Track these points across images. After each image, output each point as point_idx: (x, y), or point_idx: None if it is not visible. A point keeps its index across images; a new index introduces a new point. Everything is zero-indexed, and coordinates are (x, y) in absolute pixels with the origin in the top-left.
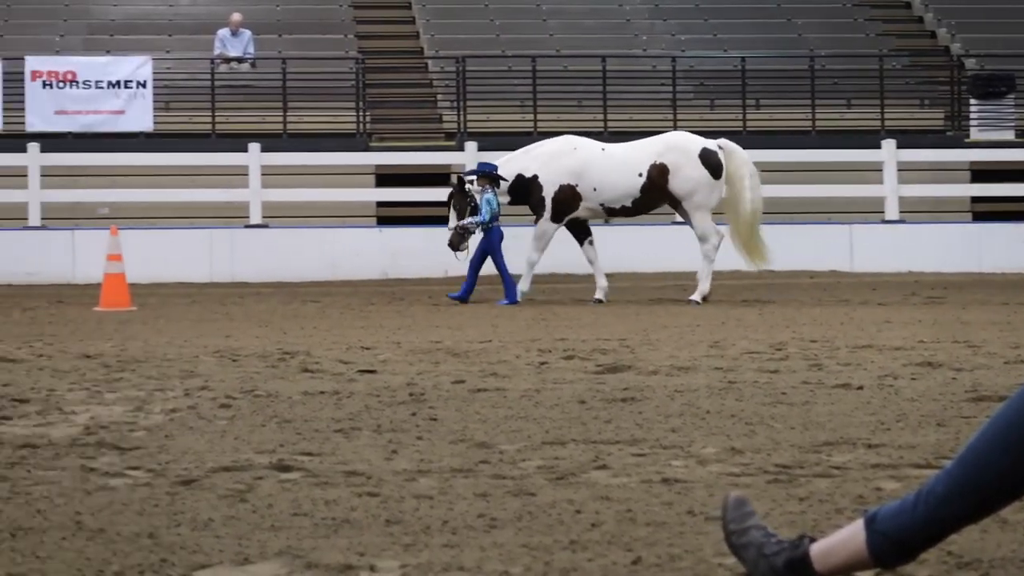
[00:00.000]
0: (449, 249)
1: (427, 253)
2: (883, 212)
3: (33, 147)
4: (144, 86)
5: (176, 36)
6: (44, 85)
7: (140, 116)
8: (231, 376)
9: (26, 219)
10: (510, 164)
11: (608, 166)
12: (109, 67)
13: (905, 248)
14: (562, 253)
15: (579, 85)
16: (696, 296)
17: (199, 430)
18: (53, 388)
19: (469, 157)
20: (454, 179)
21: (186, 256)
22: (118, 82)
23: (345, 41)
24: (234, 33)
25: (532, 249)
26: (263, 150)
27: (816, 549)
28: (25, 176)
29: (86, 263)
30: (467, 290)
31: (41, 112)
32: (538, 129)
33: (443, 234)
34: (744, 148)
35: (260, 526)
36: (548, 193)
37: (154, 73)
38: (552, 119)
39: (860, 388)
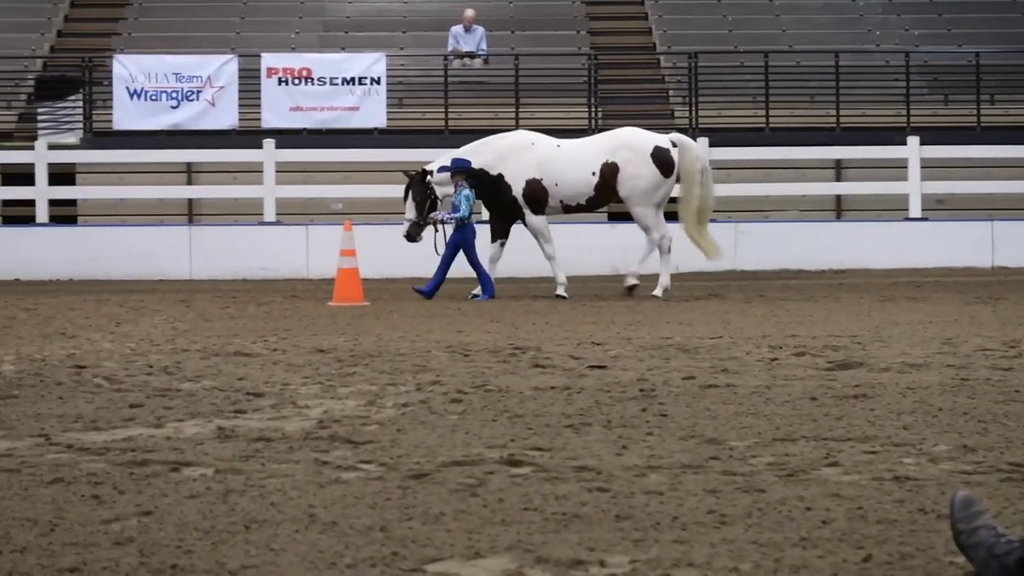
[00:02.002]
0: (406, 241)
1: None
2: None
3: (269, 143)
4: (378, 83)
5: (410, 33)
6: (280, 82)
7: (374, 112)
8: (462, 371)
9: (262, 215)
10: (452, 158)
11: (565, 163)
12: (344, 64)
13: None
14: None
15: (811, 81)
16: (657, 291)
17: (431, 424)
18: (287, 382)
19: (701, 153)
20: (412, 170)
21: (420, 250)
22: (352, 79)
23: (577, 37)
24: (467, 29)
25: (542, 246)
26: None
27: None
28: (261, 172)
29: (320, 258)
30: (436, 285)
31: (277, 109)
32: (770, 125)
33: (674, 231)
34: (978, 144)
35: (491, 520)
36: (517, 192)
37: (388, 70)
38: (784, 115)
39: None
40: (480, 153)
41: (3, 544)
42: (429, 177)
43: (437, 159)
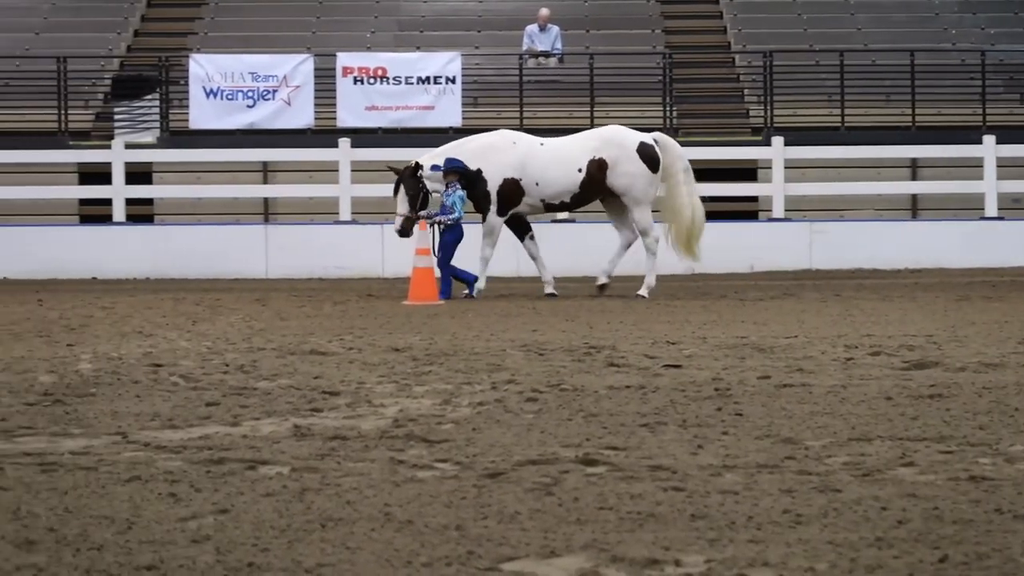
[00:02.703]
0: (398, 236)
1: (733, 248)
2: None
3: (344, 142)
4: (453, 82)
5: (485, 32)
6: (355, 81)
7: (449, 111)
8: (538, 370)
9: (337, 214)
10: (446, 157)
11: (548, 161)
12: (419, 63)
13: None
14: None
15: (887, 79)
16: (643, 291)
17: (506, 423)
18: (363, 381)
19: (775, 152)
20: (400, 164)
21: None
22: (427, 78)
23: (652, 36)
24: (542, 29)
25: (484, 246)
26: None
27: None
28: (336, 171)
29: (395, 257)
30: (449, 285)
31: (352, 108)
32: (845, 124)
33: (751, 229)
34: None
35: (566, 519)
36: (493, 187)
37: (463, 69)
38: (859, 114)
39: None
40: (461, 150)
41: (81, 542)
42: (420, 172)
43: (425, 154)
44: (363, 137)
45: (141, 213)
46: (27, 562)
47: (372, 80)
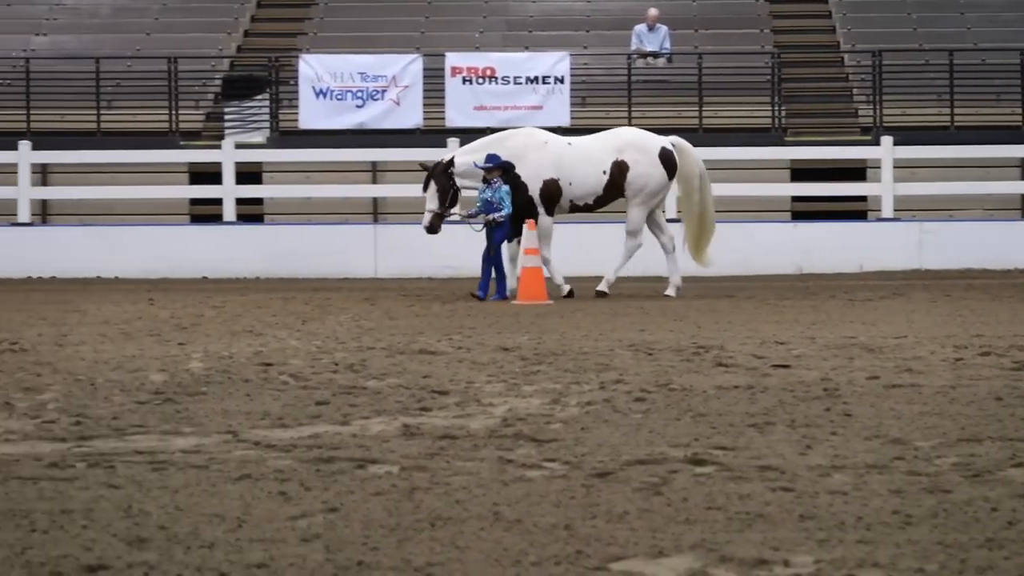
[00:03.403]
0: (427, 233)
1: (842, 248)
2: None
3: (452, 142)
4: (561, 82)
5: (593, 32)
6: (464, 81)
7: (557, 111)
8: (646, 370)
9: None
10: (477, 156)
11: (577, 161)
12: (527, 63)
13: None
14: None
15: (997, 78)
16: (602, 286)
17: (614, 423)
18: (472, 380)
19: (884, 152)
20: (431, 162)
21: (602, 250)
22: (536, 78)
23: (761, 36)
24: (651, 28)
25: (542, 248)
26: None
27: None
28: None
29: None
30: (503, 288)
31: (461, 108)
32: (955, 123)
33: (860, 229)
34: None
35: (674, 519)
36: (534, 191)
37: (571, 69)
38: (969, 113)
39: None
40: (498, 148)
41: (192, 540)
42: (452, 168)
43: (448, 153)
44: (471, 137)
45: (251, 213)
46: (138, 559)
47: (481, 80)
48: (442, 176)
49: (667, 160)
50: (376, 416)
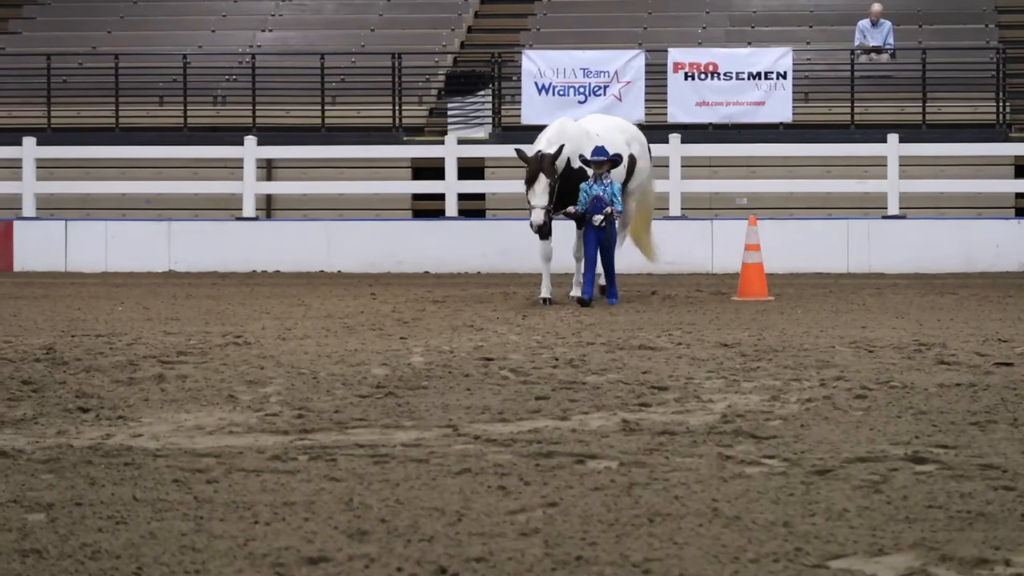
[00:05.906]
0: (534, 231)
1: None
2: None
3: (674, 138)
4: (784, 77)
5: (816, 27)
6: (686, 77)
7: (780, 107)
8: (867, 367)
9: (667, 209)
10: (551, 148)
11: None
12: (750, 59)
13: None
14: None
15: None
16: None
17: (834, 420)
18: (691, 376)
19: None
20: (538, 152)
21: (823, 246)
22: (758, 73)
23: (986, 31)
24: (874, 24)
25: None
26: (901, 140)
27: None
28: (667, 167)
29: (724, 252)
30: (614, 291)
31: (683, 103)
32: None
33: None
34: None
35: (894, 517)
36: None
37: (794, 64)
38: None
39: None
40: (556, 142)
41: (412, 533)
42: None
43: (535, 144)
44: (692, 133)
45: (473, 208)
46: (359, 552)
47: (703, 76)
48: (552, 169)
49: (649, 152)
50: (595, 411)
